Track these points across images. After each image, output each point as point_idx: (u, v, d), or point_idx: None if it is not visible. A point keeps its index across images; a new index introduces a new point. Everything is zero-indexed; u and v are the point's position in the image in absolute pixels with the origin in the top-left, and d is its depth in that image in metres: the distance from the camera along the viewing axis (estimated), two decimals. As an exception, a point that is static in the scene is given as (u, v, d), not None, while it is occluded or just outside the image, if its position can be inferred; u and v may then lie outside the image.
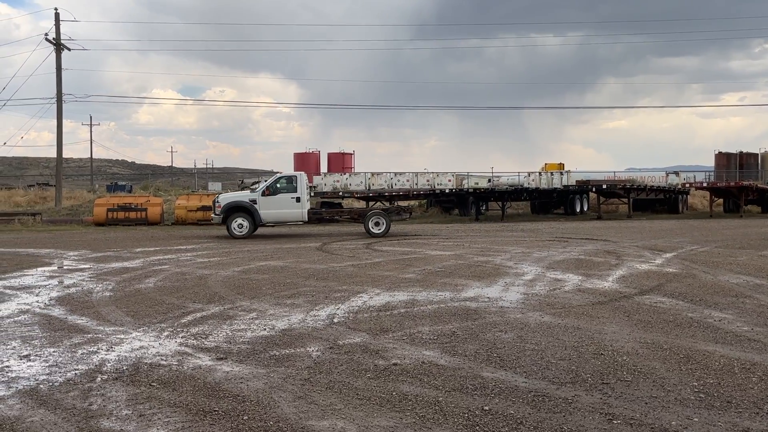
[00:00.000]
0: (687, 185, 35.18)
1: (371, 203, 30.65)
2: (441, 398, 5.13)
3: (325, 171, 49.98)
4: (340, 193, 30.70)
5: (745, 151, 57.88)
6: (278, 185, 21.26)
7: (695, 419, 4.63)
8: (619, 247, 16.38)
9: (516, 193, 32.20)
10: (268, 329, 7.58)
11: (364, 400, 5.11)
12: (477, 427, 4.54)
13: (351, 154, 62.52)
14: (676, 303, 8.88)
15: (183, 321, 8.12)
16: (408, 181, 32.05)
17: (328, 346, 6.78)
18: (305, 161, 61.22)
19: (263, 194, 20.93)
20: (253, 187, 23.00)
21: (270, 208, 20.95)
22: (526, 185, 33.42)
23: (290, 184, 21.28)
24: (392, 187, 31.76)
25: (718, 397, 5.09)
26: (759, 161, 57.79)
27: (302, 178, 21.59)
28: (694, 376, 5.63)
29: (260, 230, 23.07)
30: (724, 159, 56.01)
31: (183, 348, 6.80)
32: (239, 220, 20.83)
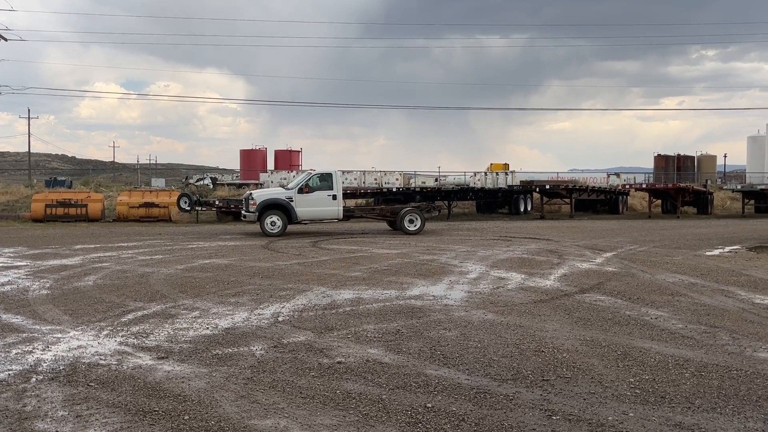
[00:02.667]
0: (627, 186, 36.14)
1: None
2: (385, 396, 5.15)
3: (272, 168, 49.52)
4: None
5: (682, 154, 59.94)
6: (315, 183, 20.70)
7: (631, 414, 4.77)
8: (561, 247, 16.71)
9: (462, 192, 32.51)
10: (211, 328, 7.49)
11: (308, 399, 5.09)
12: (420, 425, 4.58)
13: (298, 151, 62.22)
14: (614, 301, 9.11)
15: (123, 320, 7.95)
16: (356, 179, 32.09)
17: (272, 344, 6.73)
18: (252, 158, 60.74)
19: (300, 191, 20.35)
20: (193, 183, 22.56)
21: (306, 206, 20.41)
22: (471, 185, 33.81)
23: (326, 181, 20.77)
24: (340, 185, 31.69)
25: (652, 392, 5.25)
26: (695, 164, 59.89)
27: (337, 175, 21.33)
28: (630, 372, 5.79)
29: (202, 228, 22.79)
30: (662, 161, 57.92)
31: (123, 347, 6.67)
32: (272, 218, 20.13)
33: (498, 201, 34.18)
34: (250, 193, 21.05)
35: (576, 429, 4.49)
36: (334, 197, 20.64)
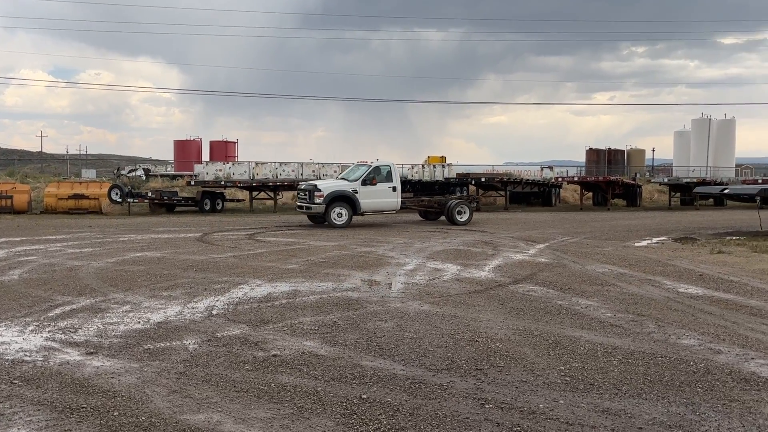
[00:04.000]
0: (560, 179, 36.86)
1: (250, 192, 30.19)
2: (320, 388, 5.14)
3: (207, 159, 48.67)
4: (223, 183, 30.02)
5: (613, 147, 61.55)
6: (376, 175, 21.07)
7: (561, 401, 4.88)
8: (496, 238, 16.97)
9: (400, 185, 32.68)
10: (142, 322, 7.32)
11: (242, 393, 5.04)
12: (355, 416, 4.59)
13: (234, 142, 61.33)
14: (547, 291, 9.32)
15: (50, 314, 7.70)
16: (293, 171, 31.85)
17: (206, 338, 6.63)
18: (186, 149, 59.60)
19: (363, 184, 20.76)
20: (125, 174, 21.99)
21: (369, 198, 20.84)
22: (409, 177, 34.02)
23: (386, 174, 21.31)
24: (277, 176, 31.42)
25: (582, 380, 5.39)
26: (625, 158, 61.62)
27: (395, 168, 22.12)
28: (561, 360, 5.93)
29: (134, 220, 22.27)
30: (594, 155, 59.33)
31: (50, 343, 6.46)
32: (339, 210, 20.42)
33: (435, 193, 34.47)
34: (315, 185, 20.99)
35: (508, 417, 4.58)
36: (394, 189, 21.30)
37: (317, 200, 20.32)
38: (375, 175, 21.03)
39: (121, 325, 7.21)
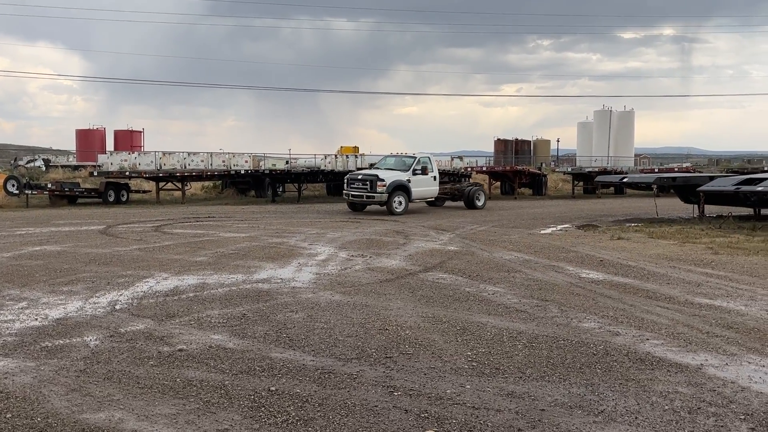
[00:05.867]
0: (469, 169, 37.48)
1: (157, 183, 29.34)
2: (227, 382, 5.05)
3: (112, 149, 47.08)
4: (128, 173, 28.98)
5: (520, 138, 63.25)
6: (422, 166, 22.74)
7: (468, 386, 4.98)
8: (407, 227, 17.13)
9: (312, 175, 32.42)
10: (40, 319, 7.00)
11: (146, 389, 4.89)
12: (263, 409, 4.53)
13: (140, 132, 59.46)
14: (456, 279, 9.48)
15: (-63, 314, 7.24)
16: (203, 161, 31.01)
17: (109, 334, 6.41)
18: (89, 139, 57.39)
19: (414, 173, 22.41)
20: (23, 165, 20.90)
21: (418, 187, 22.56)
22: (322, 168, 33.79)
23: (428, 165, 23.10)
24: (186, 167, 30.61)
25: (488, 364, 5.52)
26: (531, 148, 63.43)
27: (433, 159, 24.58)
28: (468, 346, 6.05)
29: (32, 213, 21.31)
30: (502, 145, 60.82)
31: (-64, 344, 6.08)
32: (399, 198, 21.80)
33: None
34: (377, 175, 21.99)
35: (416, 403, 4.63)
36: (435, 178, 23.48)
37: (380, 189, 21.56)
38: (421, 167, 22.65)
39: (16, 322, 6.87)
